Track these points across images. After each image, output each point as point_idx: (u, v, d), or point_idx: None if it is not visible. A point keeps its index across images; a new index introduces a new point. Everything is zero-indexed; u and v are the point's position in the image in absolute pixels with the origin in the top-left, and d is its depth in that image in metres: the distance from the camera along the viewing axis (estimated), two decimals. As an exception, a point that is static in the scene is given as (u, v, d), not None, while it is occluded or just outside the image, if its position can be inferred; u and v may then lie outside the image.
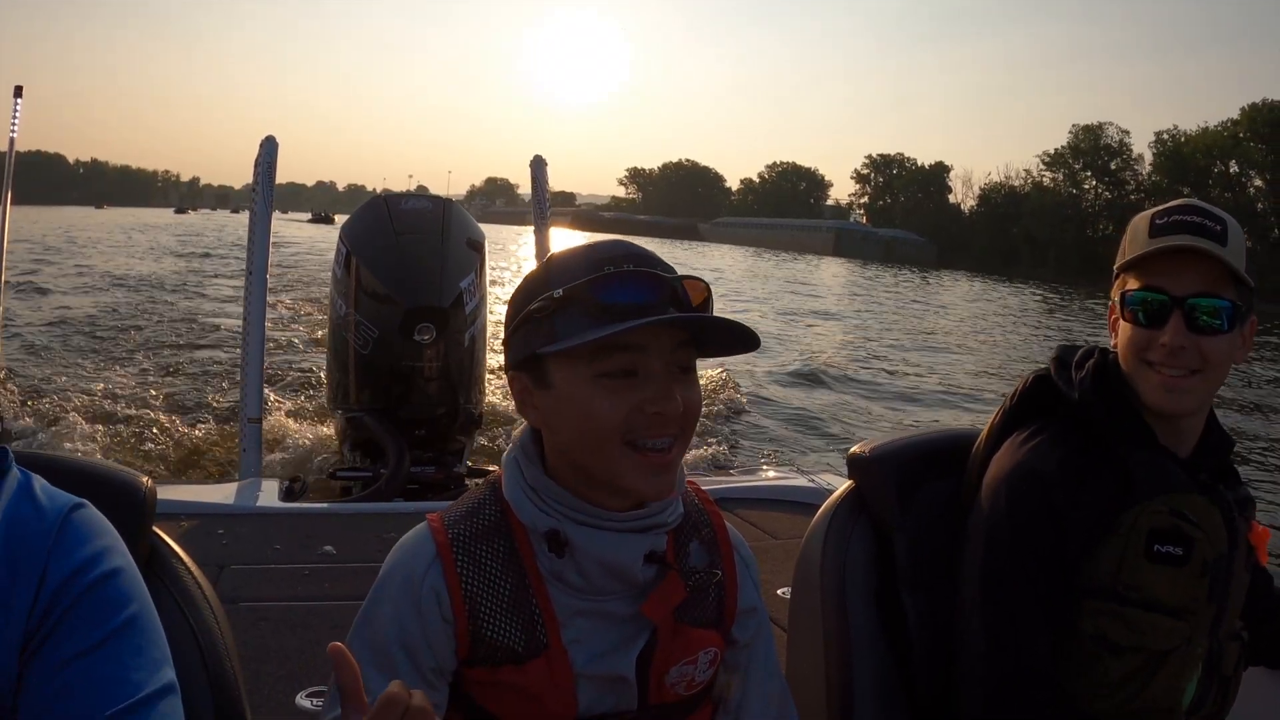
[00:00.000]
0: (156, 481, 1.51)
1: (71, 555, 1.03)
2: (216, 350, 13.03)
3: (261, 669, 2.93)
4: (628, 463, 1.19)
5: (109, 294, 20.83)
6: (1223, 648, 1.64)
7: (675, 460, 1.22)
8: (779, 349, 18.76)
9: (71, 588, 1.01)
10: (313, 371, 10.51)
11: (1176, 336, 1.55)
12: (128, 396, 9.44)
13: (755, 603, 1.42)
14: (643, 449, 1.19)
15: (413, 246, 5.31)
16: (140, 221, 73.21)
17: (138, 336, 14.49)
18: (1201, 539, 1.56)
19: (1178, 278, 1.56)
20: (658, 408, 1.17)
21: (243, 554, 3.85)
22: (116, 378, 10.66)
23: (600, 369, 1.18)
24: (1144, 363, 1.59)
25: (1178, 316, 1.56)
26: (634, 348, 1.17)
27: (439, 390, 5.42)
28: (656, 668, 1.29)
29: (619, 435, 1.18)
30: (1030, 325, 33.50)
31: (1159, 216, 1.61)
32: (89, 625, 1.00)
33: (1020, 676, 1.54)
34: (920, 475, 1.84)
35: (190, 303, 19.18)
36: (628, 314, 1.15)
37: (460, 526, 1.28)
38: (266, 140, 5.73)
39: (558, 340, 1.17)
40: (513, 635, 1.23)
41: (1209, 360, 1.57)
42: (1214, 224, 1.57)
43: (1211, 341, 1.56)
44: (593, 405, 1.18)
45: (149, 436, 7.98)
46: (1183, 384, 1.57)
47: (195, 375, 11.02)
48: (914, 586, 1.78)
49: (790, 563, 2.00)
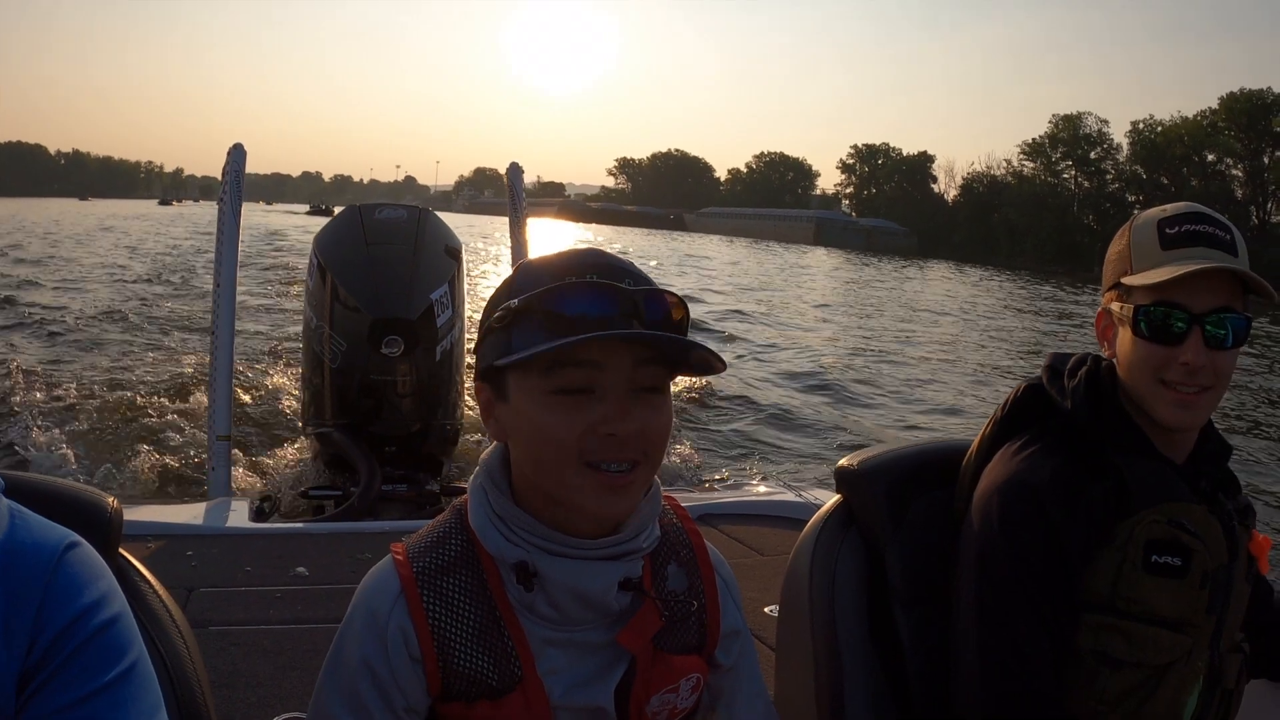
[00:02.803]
0: (123, 501, 1.47)
1: (73, 600, 1.03)
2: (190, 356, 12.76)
3: (233, 695, 2.86)
4: (581, 481, 1.14)
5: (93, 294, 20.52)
6: (1224, 660, 1.61)
7: (635, 484, 1.17)
8: (760, 351, 18.74)
9: (75, 633, 1.02)
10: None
11: (1197, 355, 1.52)
12: (95, 409, 9.27)
13: (738, 624, 1.38)
14: (601, 469, 1.14)
15: (382, 257, 5.27)
16: (134, 213, 72.26)
17: (109, 338, 14.25)
18: (1200, 549, 1.53)
19: (1198, 295, 1.53)
20: (611, 428, 1.12)
21: (212, 576, 3.78)
22: (84, 389, 10.43)
23: (554, 384, 1.13)
24: (1159, 381, 1.56)
25: (1197, 334, 1.52)
26: (589, 364, 1.13)
27: (412, 406, 5.37)
28: (636, 698, 1.25)
29: (575, 455, 1.13)
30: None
31: (1168, 225, 1.57)
32: (91, 672, 1.01)
33: (1020, 697, 1.50)
34: (911, 488, 1.80)
35: (189, 306, 18.76)
36: (583, 327, 1.10)
37: (425, 559, 1.24)
38: (234, 148, 5.66)
39: (513, 352, 1.14)
40: (485, 670, 1.20)
41: (1221, 375, 1.55)
42: (1224, 233, 1.55)
43: (1225, 357, 1.54)
44: (546, 422, 1.13)
45: (116, 454, 7.84)
46: (1197, 400, 1.55)
47: (169, 387, 10.78)
48: (906, 603, 1.74)
49: (778, 580, 1.96)
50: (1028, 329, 29.60)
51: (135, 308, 18.20)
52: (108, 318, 16.71)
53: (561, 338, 1.10)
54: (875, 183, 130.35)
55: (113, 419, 8.94)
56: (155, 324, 16.22)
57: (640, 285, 1.16)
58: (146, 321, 16.43)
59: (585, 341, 1.09)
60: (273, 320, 16.62)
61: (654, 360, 1.15)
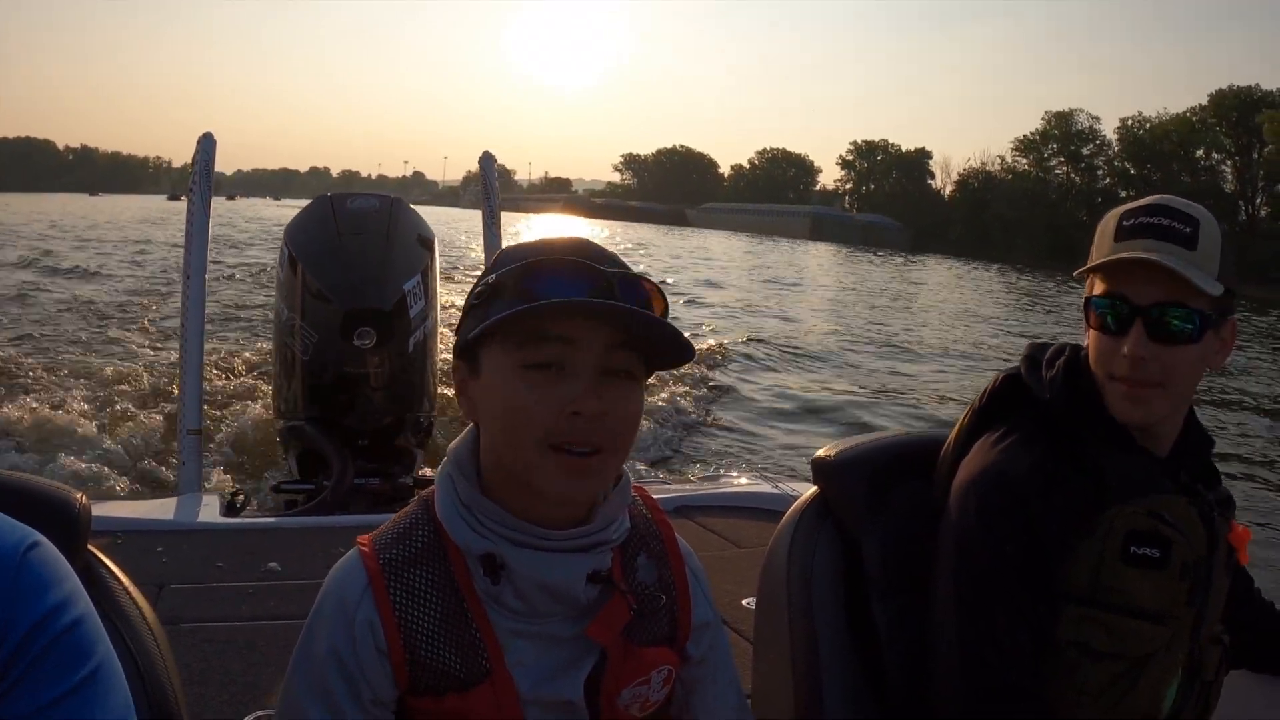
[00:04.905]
0: (91, 497, 1.46)
1: (37, 602, 1.01)
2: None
3: (205, 692, 2.84)
4: (544, 461, 1.14)
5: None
6: (1204, 652, 1.61)
7: (598, 469, 1.17)
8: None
9: (39, 636, 1.00)
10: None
11: (1137, 347, 1.51)
12: (64, 404, 9.16)
13: (709, 616, 1.38)
14: (564, 451, 1.14)
15: (355, 247, 5.21)
16: (144, 209, 71.60)
17: (73, 334, 14.08)
18: (1180, 541, 1.53)
19: (1141, 285, 1.52)
20: (576, 406, 1.12)
21: (183, 572, 3.74)
22: (56, 384, 10.25)
23: (525, 359, 1.14)
24: (1109, 373, 1.56)
25: (1139, 326, 1.51)
26: (560, 339, 1.13)
27: (385, 398, 5.33)
28: (607, 690, 1.25)
29: (542, 433, 1.13)
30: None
31: (1126, 217, 1.56)
32: (58, 674, 1.00)
33: (999, 690, 1.50)
34: (888, 479, 1.80)
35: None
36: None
37: (392, 551, 1.24)
38: (204, 137, 5.60)
39: (488, 321, 1.14)
40: (452, 663, 1.20)
41: (1172, 373, 1.53)
42: (1184, 226, 1.52)
43: (1177, 352, 1.52)
44: (515, 395, 1.14)
45: (83, 448, 7.74)
46: (1146, 395, 1.54)
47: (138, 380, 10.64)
48: (884, 595, 1.73)
49: (755, 572, 1.96)
50: (1013, 320, 30.05)
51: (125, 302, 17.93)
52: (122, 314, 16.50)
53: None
54: (874, 179, 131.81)
55: (85, 413, 8.83)
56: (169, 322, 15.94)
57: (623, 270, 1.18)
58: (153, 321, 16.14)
59: (556, 316, 1.11)
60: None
61: (627, 345, 1.16)
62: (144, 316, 15.92)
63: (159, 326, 14.79)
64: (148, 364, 11.24)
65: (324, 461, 5.20)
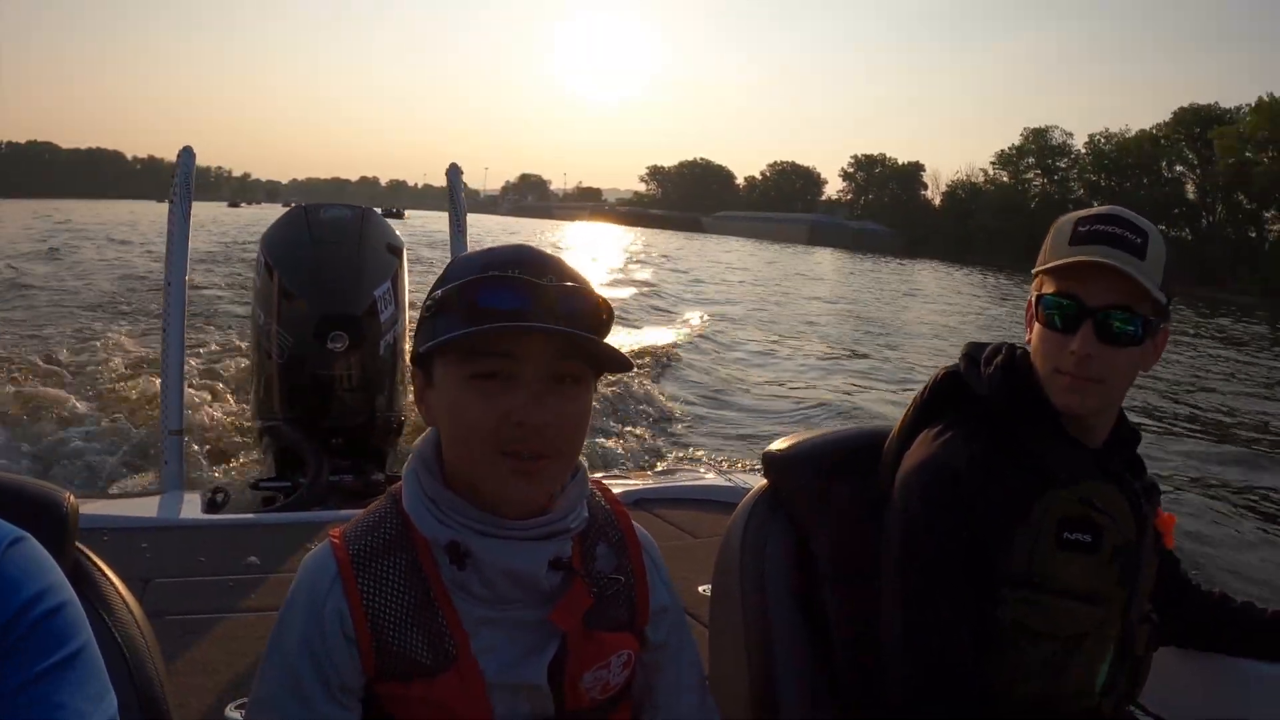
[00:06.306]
0: (78, 497, 1.49)
1: (18, 592, 1.03)
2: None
3: (190, 682, 2.88)
4: (494, 466, 1.19)
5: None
6: (1134, 630, 1.68)
7: (546, 473, 1.22)
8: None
9: (20, 623, 1.02)
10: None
11: (1085, 345, 1.57)
12: (54, 404, 9.11)
13: (667, 601, 1.41)
14: (514, 455, 1.18)
15: (328, 254, 5.29)
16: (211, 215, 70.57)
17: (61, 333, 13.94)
18: (1110, 526, 1.60)
19: (1092, 288, 1.58)
20: (521, 417, 1.16)
21: (167, 567, 3.77)
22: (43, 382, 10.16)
23: (471, 370, 1.18)
24: (1055, 367, 1.62)
25: (1088, 326, 1.58)
26: (501, 354, 1.17)
27: (357, 399, 5.39)
28: (570, 674, 1.29)
29: (491, 442, 1.18)
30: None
31: (1081, 224, 1.62)
32: (37, 655, 1.01)
33: (941, 667, 1.56)
34: (835, 472, 1.86)
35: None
36: (497, 319, 1.15)
37: (361, 542, 1.27)
38: (184, 151, 5.65)
39: (436, 340, 1.19)
40: (419, 649, 1.23)
41: (1114, 371, 1.60)
42: (1134, 236, 1.58)
43: (1119, 354, 1.59)
44: (464, 408, 1.19)
45: (73, 450, 7.75)
46: (1086, 388, 1.61)
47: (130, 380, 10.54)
48: (833, 582, 1.80)
49: (711, 560, 2.01)
50: (986, 316, 30.35)
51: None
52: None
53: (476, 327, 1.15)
54: (873, 190, 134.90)
55: (71, 414, 8.81)
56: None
57: (563, 282, 1.21)
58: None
59: (498, 331, 1.15)
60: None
61: (573, 355, 1.20)
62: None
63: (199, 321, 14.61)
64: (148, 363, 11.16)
65: (300, 460, 5.27)
